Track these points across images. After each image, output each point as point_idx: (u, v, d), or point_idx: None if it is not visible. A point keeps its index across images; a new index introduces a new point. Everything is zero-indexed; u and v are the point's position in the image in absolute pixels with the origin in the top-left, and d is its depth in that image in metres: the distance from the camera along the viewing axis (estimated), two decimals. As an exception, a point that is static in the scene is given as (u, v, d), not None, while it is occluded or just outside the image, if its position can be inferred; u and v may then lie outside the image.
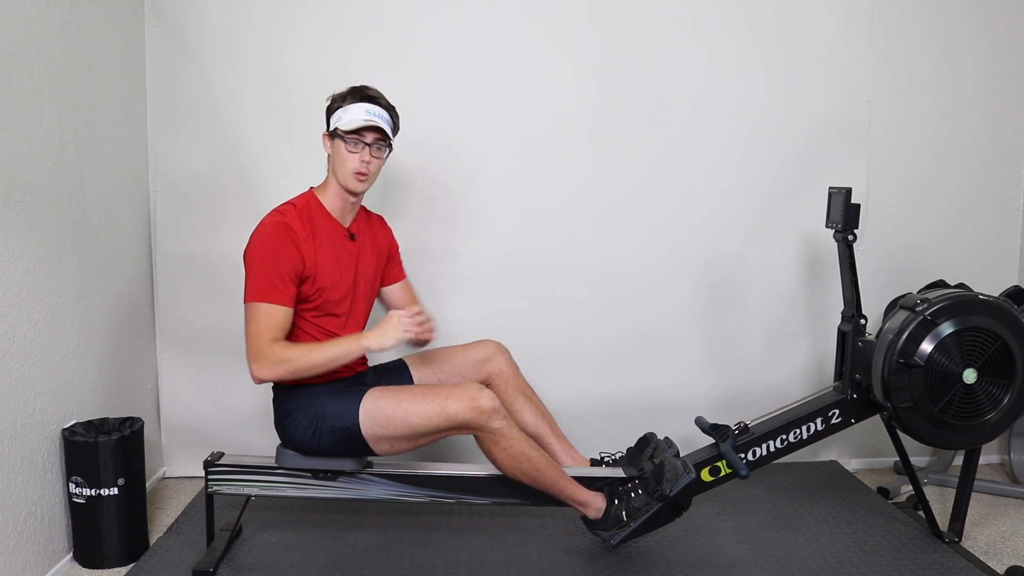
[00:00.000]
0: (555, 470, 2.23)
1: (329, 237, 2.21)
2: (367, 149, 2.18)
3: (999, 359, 2.32)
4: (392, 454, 2.22)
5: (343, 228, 2.26)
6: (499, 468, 2.21)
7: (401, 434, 2.14)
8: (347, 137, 2.16)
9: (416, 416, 2.12)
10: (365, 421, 2.14)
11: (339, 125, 2.18)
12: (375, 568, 2.30)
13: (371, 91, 2.22)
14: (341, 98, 2.21)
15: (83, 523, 2.31)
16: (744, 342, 3.10)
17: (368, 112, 2.17)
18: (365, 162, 2.18)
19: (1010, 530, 2.64)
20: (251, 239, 2.14)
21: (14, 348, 2.09)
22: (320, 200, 2.24)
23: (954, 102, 3.13)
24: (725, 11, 2.98)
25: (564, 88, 2.96)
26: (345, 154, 2.17)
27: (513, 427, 2.16)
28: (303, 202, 2.22)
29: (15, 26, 2.09)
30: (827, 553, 2.40)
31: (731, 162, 3.03)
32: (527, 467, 2.18)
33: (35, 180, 2.18)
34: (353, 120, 2.16)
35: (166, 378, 2.98)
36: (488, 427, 2.12)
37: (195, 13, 2.83)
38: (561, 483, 2.24)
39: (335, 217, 2.25)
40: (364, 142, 2.18)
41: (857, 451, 3.24)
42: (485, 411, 2.10)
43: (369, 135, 2.18)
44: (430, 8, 2.89)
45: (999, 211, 3.20)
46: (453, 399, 2.11)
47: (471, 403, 2.10)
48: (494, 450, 2.16)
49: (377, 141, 2.19)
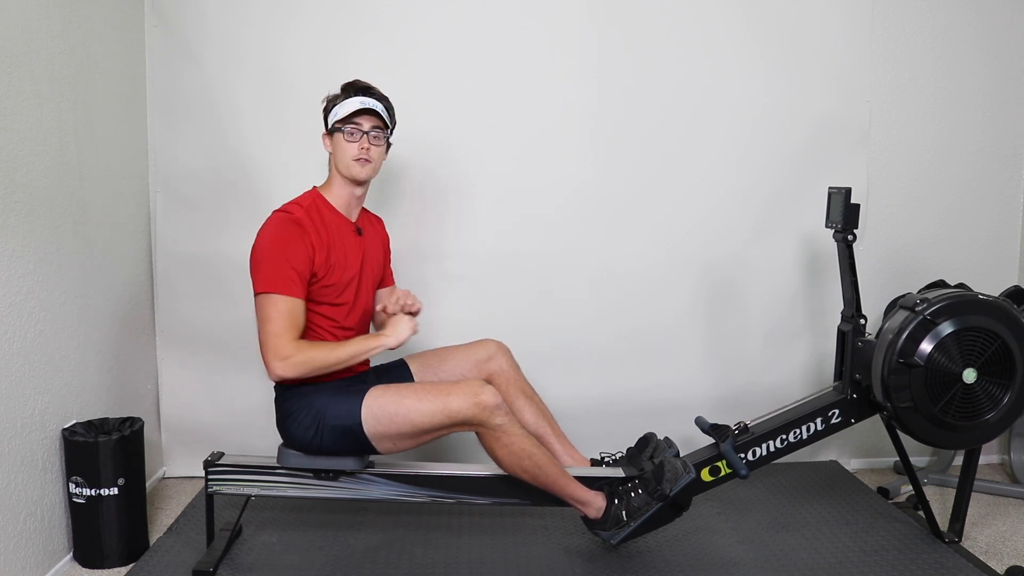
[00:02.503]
0: (556, 468, 2.23)
1: (338, 231, 2.22)
2: (365, 136, 2.20)
3: (999, 359, 2.32)
4: (394, 452, 2.22)
5: (350, 223, 2.28)
6: (500, 465, 2.21)
7: (404, 431, 2.15)
8: (344, 126, 2.19)
9: (419, 413, 2.12)
10: (367, 419, 2.14)
11: (335, 118, 2.21)
12: (375, 568, 2.30)
13: (362, 83, 2.25)
14: (335, 96, 2.25)
15: (83, 523, 2.31)
16: (744, 342, 3.10)
17: (362, 101, 2.20)
18: (365, 148, 2.20)
19: (1010, 530, 2.64)
20: (259, 235, 2.14)
21: (14, 348, 2.09)
22: (325, 197, 2.26)
23: (954, 102, 3.13)
24: (725, 11, 2.98)
25: (564, 88, 2.96)
26: (344, 144, 2.20)
27: (515, 424, 2.17)
28: (309, 200, 2.23)
29: (15, 26, 2.09)
30: (827, 553, 2.40)
31: (731, 162, 3.03)
32: (528, 464, 2.18)
33: (35, 180, 2.18)
34: (348, 109, 2.19)
35: (166, 378, 2.98)
36: (490, 423, 2.12)
37: (195, 13, 2.83)
38: (562, 481, 2.24)
39: (341, 213, 2.26)
40: (361, 129, 2.20)
41: (857, 451, 3.24)
42: (487, 407, 2.11)
43: (366, 122, 2.20)
44: (430, 8, 2.89)
45: (999, 211, 3.20)
46: (455, 395, 2.12)
47: (473, 399, 2.11)
48: (495, 447, 2.16)
49: (374, 128, 2.21)
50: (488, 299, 2.99)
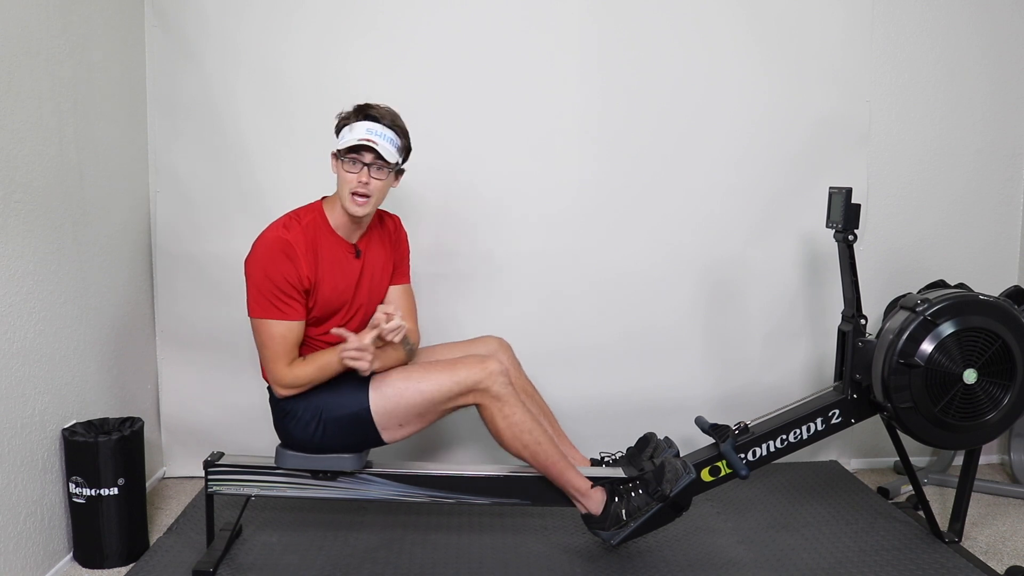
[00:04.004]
0: (556, 450, 2.24)
1: (331, 254, 2.18)
2: (365, 169, 2.11)
3: (999, 359, 2.32)
4: (398, 439, 2.22)
5: (348, 244, 2.23)
6: (501, 441, 2.22)
7: (413, 406, 2.16)
8: (344, 156, 2.12)
9: (428, 383, 2.15)
10: (376, 400, 2.15)
11: (339, 144, 2.13)
12: (375, 568, 2.30)
13: (375, 110, 2.15)
14: (347, 117, 2.16)
15: (83, 523, 2.31)
16: (744, 342, 3.10)
17: (369, 131, 2.10)
18: (363, 183, 2.10)
19: (1010, 530, 2.64)
20: (252, 250, 2.12)
21: (14, 348, 2.09)
22: (327, 215, 2.20)
23: (954, 102, 3.13)
24: (726, 12, 2.98)
25: (564, 89, 2.96)
26: (344, 174, 2.12)
27: (516, 397, 2.20)
28: (310, 218, 2.17)
29: (15, 26, 2.09)
30: (827, 553, 2.40)
31: (731, 162, 3.03)
32: (528, 439, 2.19)
33: (35, 180, 2.18)
34: (352, 138, 2.10)
35: (166, 378, 2.98)
36: (494, 389, 2.15)
37: (195, 13, 2.83)
38: (561, 464, 2.24)
39: (340, 234, 2.21)
40: (362, 161, 2.10)
41: (857, 451, 3.24)
42: (493, 372, 2.16)
43: (367, 154, 2.11)
44: (430, 9, 2.89)
45: (999, 211, 3.20)
46: (462, 365, 2.18)
47: (479, 364, 2.17)
48: (497, 418, 2.18)
49: (376, 161, 2.11)
50: (489, 299, 2.99)
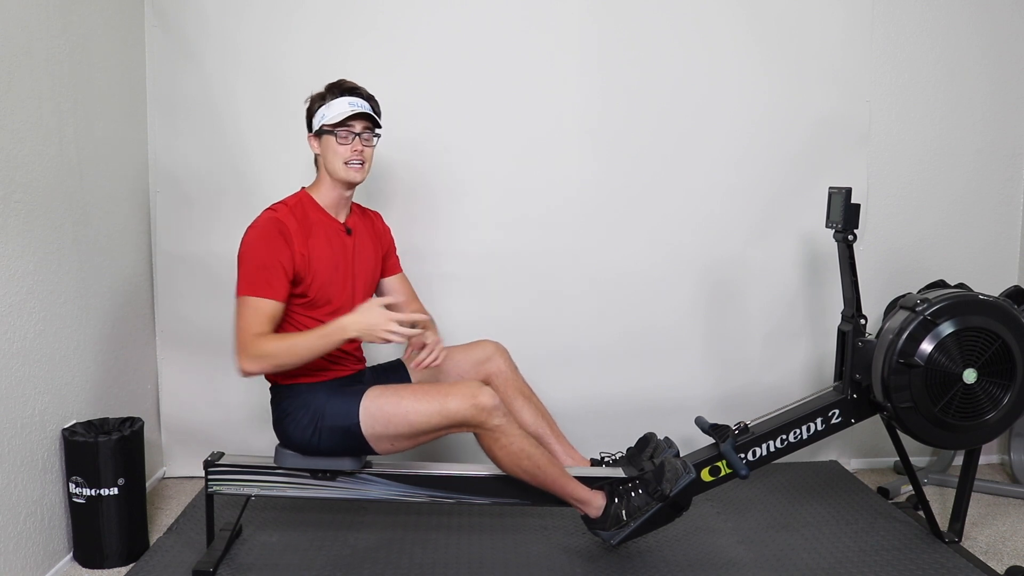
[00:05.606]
0: (555, 468, 2.23)
1: (324, 232, 2.22)
2: (357, 138, 2.19)
3: (999, 359, 2.32)
4: (392, 453, 2.22)
5: (338, 223, 2.27)
6: (499, 466, 2.21)
7: (401, 432, 2.15)
8: (336, 130, 2.18)
9: (416, 414, 2.12)
10: (365, 420, 2.14)
11: (325, 121, 2.19)
12: (375, 568, 2.30)
13: (348, 83, 2.23)
14: (320, 97, 2.23)
15: (83, 523, 2.31)
16: (744, 342, 3.10)
17: (351, 103, 2.19)
18: (357, 151, 2.19)
19: (1010, 530, 2.64)
20: (244, 236, 2.15)
21: (14, 348, 2.09)
22: (313, 197, 2.25)
23: (954, 102, 3.13)
24: (726, 12, 2.98)
25: (564, 88, 2.96)
26: (336, 147, 2.19)
27: (513, 424, 2.17)
28: (295, 200, 2.23)
29: (15, 26, 2.09)
30: (827, 553, 2.40)
31: (731, 162, 3.03)
32: (527, 464, 2.18)
33: (35, 180, 2.18)
34: (339, 112, 2.17)
35: (166, 378, 2.98)
36: (488, 424, 2.12)
37: (195, 13, 2.83)
38: (561, 481, 2.24)
39: (329, 213, 2.26)
40: (353, 132, 2.19)
41: (857, 451, 3.24)
42: (485, 408, 2.11)
43: (357, 124, 2.19)
44: (430, 9, 2.89)
45: (999, 211, 3.20)
46: (453, 396, 2.12)
47: (471, 400, 2.11)
48: (494, 447, 2.16)
49: (366, 129, 2.21)
50: (489, 299, 2.99)
